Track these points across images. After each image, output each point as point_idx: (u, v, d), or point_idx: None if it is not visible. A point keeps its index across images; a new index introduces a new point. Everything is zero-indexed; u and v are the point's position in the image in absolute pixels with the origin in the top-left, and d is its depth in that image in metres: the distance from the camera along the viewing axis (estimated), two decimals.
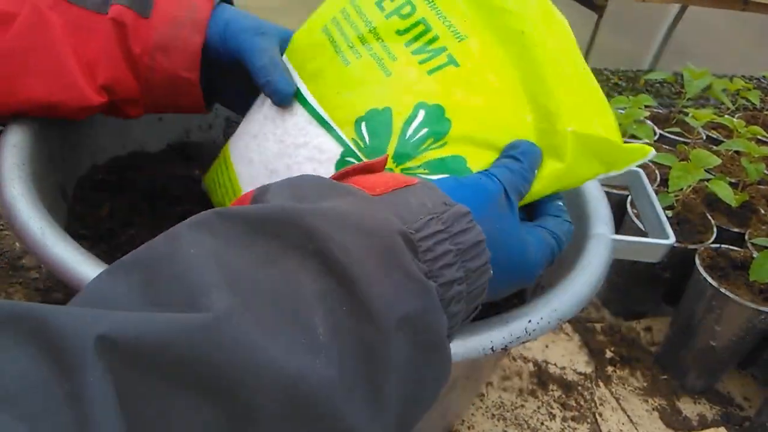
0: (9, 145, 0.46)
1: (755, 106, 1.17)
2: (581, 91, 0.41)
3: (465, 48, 0.42)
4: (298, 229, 0.24)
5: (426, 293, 0.25)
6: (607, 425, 0.66)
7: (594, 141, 0.40)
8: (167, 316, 0.19)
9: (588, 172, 0.41)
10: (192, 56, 0.46)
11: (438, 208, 0.29)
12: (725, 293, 0.65)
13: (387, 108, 0.43)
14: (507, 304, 0.60)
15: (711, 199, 0.83)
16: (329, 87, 0.45)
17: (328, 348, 0.22)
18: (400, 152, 0.41)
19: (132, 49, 0.45)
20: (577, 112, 0.40)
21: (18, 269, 0.70)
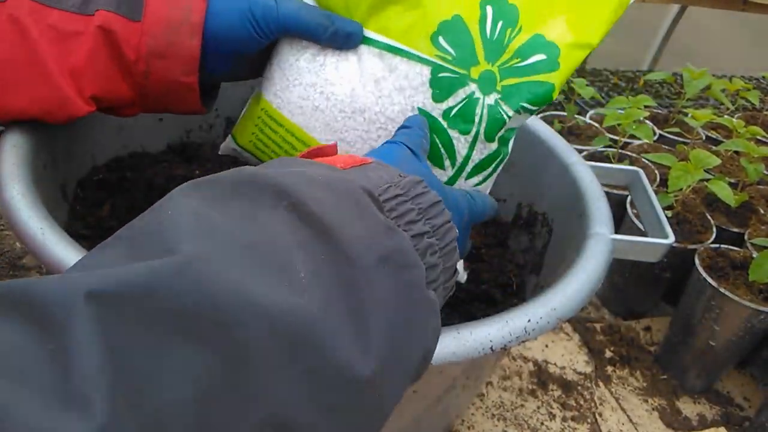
0: (9, 145, 0.46)
1: (755, 107, 1.17)
2: None
3: None
4: (271, 189, 0.25)
5: (398, 235, 0.27)
6: (607, 425, 0.66)
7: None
8: (145, 263, 0.19)
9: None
10: (191, 60, 0.44)
11: (394, 178, 0.31)
12: (725, 293, 0.65)
13: (456, 15, 0.44)
14: (507, 304, 0.60)
15: (710, 199, 0.83)
16: (389, 16, 0.45)
17: (311, 288, 0.22)
18: (490, 53, 0.44)
19: (125, 56, 0.43)
20: None
21: (18, 269, 0.70)
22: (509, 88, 0.44)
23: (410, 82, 0.44)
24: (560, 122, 0.98)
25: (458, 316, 0.58)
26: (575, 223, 0.55)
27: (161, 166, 0.67)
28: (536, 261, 0.63)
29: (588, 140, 0.94)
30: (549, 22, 0.44)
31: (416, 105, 0.45)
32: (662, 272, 0.77)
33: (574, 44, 0.44)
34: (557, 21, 0.44)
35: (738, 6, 1.60)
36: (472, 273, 0.63)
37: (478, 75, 0.44)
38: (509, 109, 0.44)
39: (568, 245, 0.55)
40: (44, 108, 0.43)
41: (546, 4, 0.44)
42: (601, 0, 0.44)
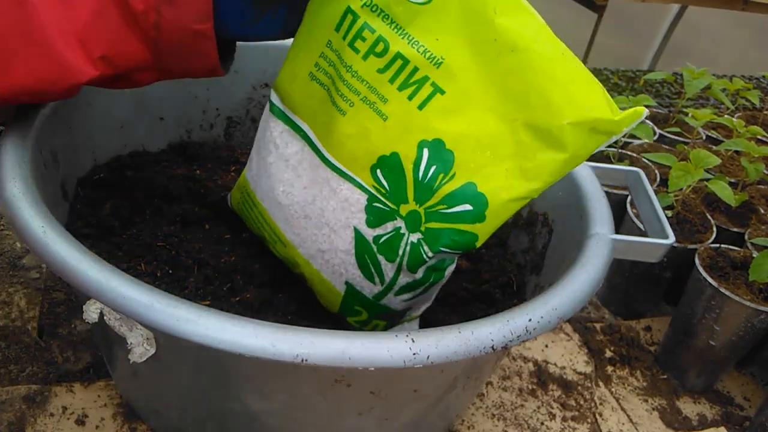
0: (10, 144, 0.46)
1: (755, 106, 1.17)
2: (567, 78, 0.41)
3: (445, 71, 0.43)
4: None
5: None
6: (607, 425, 0.66)
7: (590, 123, 0.40)
8: None
9: (591, 148, 0.42)
10: (203, 4, 0.40)
11: None
12: (725, 293, 0.65)
13: (394, 153, 0.44)
14: (507, 304, 0.60)
15: (711, 198, 0.83)
16: (336, 138, 0.47)
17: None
18: (419, 195, 0.44)
19: (132, 6, 0.40)
20: (568, 102, 0.40)
21: (18, 269, 0.70)
22: (432, 231, 0.44)
23: (350, 204, 0.47)
24: None
25: (458, 316, 0.58)
26: (575, 223, 0.55)
27: (162, 165, 0.67)
28: (536, 261, 0.63)
29: None
30: (485, 172, 0.43)
31: (353, 225, 0.47)
32: (662, 272, 0.77)
33: (507, 198, 0.43)
34: (495, 171, 0.42)
35: (738, 6, 1.60)
36: (472, 273, 0.63)
37: (405, 213, 0.45)
38: (429, 250, 0.45)
39: (568, 245, 0.55)
40: (45, 78, 0.40)
41: (485, 152, 0.42)
42: (545, 152, 0.41)
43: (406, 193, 0.44)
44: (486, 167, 0.42)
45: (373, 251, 0.47)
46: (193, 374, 0.45)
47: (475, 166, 0.43)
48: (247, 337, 0.35)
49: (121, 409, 0.57)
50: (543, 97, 0.40)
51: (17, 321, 0.64)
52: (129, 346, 0.40)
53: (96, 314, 0.40)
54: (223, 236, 0.59)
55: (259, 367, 0.40)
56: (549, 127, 0.41)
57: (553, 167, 0.41)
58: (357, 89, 0.45)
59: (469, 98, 0.42)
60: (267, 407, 0.45)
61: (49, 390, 0.57)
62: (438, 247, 0.44)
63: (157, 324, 0.35)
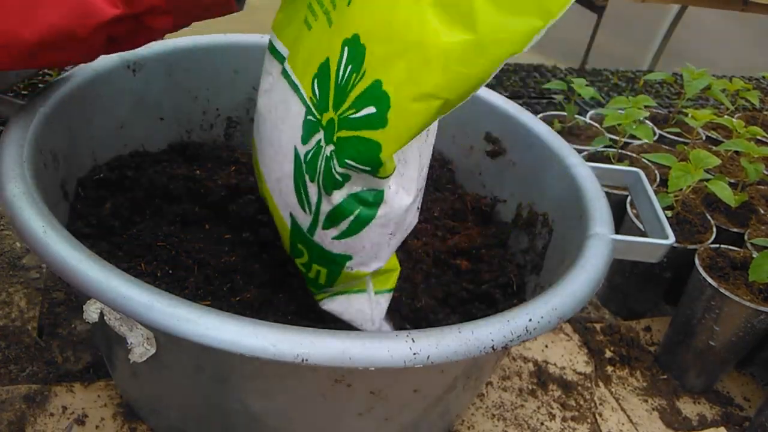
0: (10, 144, 0.46)
1: (754, 107, 1.17)
2: None
3: None
4: None
5: None
6: (607, 425, 0.66)
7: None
8: None
9: (512, 31, 0.34)
10: None
11: None
12: (725, 293, 0.65)
13: (327, 58, 0.41)
14: (507, 304, 0.60)
15: (710, 199, 0.83)
16: (300, 54, 0.45)
17: None
18: (336, 100, 0.40)
19: None
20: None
21: (18, 269, 0.70)
22: (341, 141, 0.40)
23: (295, 121, 0.44)
24: (560, 122, 0.98)
25: (458, 316, 0.58)
26: (575, 223, 0.55)
27: (162, 165, 0.67)
28: (536, 261, 0.63)
29: (588, 140, 0.94)
30: (391, 66, 0.36)
31: (294, 144, 0.45)
32: (662, 272, 0.77)
33: (410, 95, 0.36)
34: (399, 64, 0.36)
35: (738, 6, 1.60)
36: (472, 273, 0.63)
37: (326, 122, 0.41)
38: (337, 163, 0.40)
39: (568, 245, 0.55)
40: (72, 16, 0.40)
41: (393, 43, 0.36)
42: (451, 33, 0.35)
43: (329, 99, 0.40)
44: (392, 60, 0.36)
45: (303, 171, 0.44)
46: (193, 374, 0.45)
47: (383, 60, 0.37)
48: (247, 337, 0.35)
49: (121, 409, 0.57)
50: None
51: (17, 321, 0.64)
52: (129, 346, 0.40)
53: (96, 314, 0.40)
54: (223, 236, 0.59)
55: (260, 367, 0.40)
56: (456, 1, 0.34)
57: (461, 53, 0.34)
58: (322, 1, 0.43)
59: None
60: (267, 407, 0.45)
61: (49, 390, 0.57)
62: (344, 159, 0.40)
63: (157, 324, 0.35)
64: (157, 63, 0.66)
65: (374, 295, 0.50)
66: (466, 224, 0.69)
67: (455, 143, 0.73)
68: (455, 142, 0.73)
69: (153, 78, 0.66)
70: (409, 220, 0.46)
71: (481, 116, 0.70)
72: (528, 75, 1.45)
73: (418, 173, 0.45)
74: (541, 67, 1.52)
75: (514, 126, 0.68)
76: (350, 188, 0.42)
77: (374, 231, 0.44)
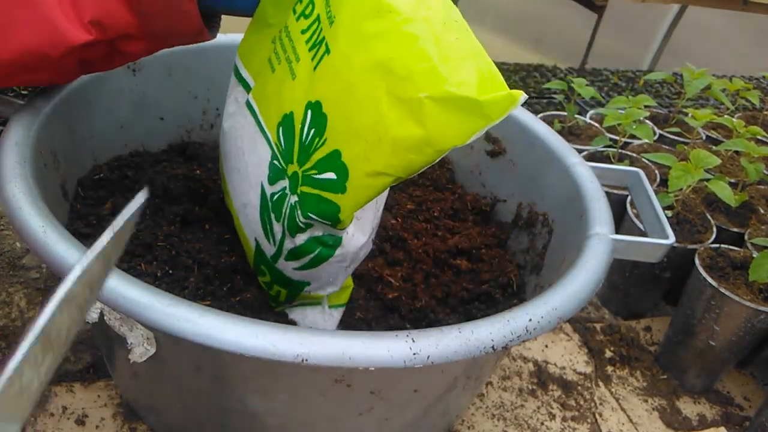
0: (10, 143, 0.46)
1: (755, 107, 1.17)
2: (437, 48, 0.37)
3: (334, 30, 0.41)
4: None
5: None
6: (607, 425, 0.66)
7: (450, 100, 0.36)
8: None
9: (456, 130, 0.37)
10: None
11: None
12: (725, 293, 0.65)
13: (291, 112, 0.44)
14: (507, 304, 0.60)
15: (710, 199, 0.83)
16: (264, 94, 0.48)
17: None
18: (300, 156, 0.43)
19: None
20: (431, 74, 0.36)
21: (18, 269, 0.70)
22: (304, 195, 0.44)
23: (262, 160, 0.48)
24: (560, 122, 0.98)
25: (458, 316, 0.58)
26: (575, 223, 0.55)
27: (162, 165, 0.67)
28: (537, 261, 0.63)
29: (588, 140, 0.94)
30: (350, 141, 0.40)
31: (261, 180, 0.48)
32: (662, 272, 0.77)
33: (365, 171, 0.39)
34: (357, 141, 0.39)
35: (738, 6, 1.60)
36: (472, 273, 0.63)
37: (290, 173, 0.45)
38: (301, 214, 0.44)
39: (568, 245, 0.55)
40: (44, 41, 0.42)
41: (351, 121, 0.39)
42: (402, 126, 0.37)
43: (293, 153, 0.44)
44: (350, 136, 0.40)
45: (269, 209, 0.48)
46: (193, 374, 0.45)
47: (343, 133, 0.40)
48: (247, 337, 0.35)
49: (121, 409, 0.57)
50: (405, 65, 0.37)
51: (17, 321, 0.64)
52: (129, 346, 0.40)
53: (96, 314, 0.40)
54: (223, 236, 0.59)
55: (260, 367, 0.40)
56: (408, 98, 0.37)
57: (411, 143, 0.37)
58: (285, 47, 0.45)
59: (346, 60, 0.39)
60: (267, 407, 0.45)
61: (49, 390, 0.57)
62: (306, 211, 0.43)
63: (157, 324, 0.35)
64: (157, 63, 0.66)
65: (328, 309, 0.53)
66: (466, 224, 0.69)
67: None
68: None
69: (153, 78, 0.66)
70: (363, 252, 0.50)
71: None
72: (528, 75, 1.45)
73: (373, 215, 0.48)
74: (541, 67, 1.52)
75: (514, 126, 0.68)
76: (312, 233, 0.46)
77: (332, 265, 0.48)
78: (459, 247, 0.64)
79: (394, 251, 0.62)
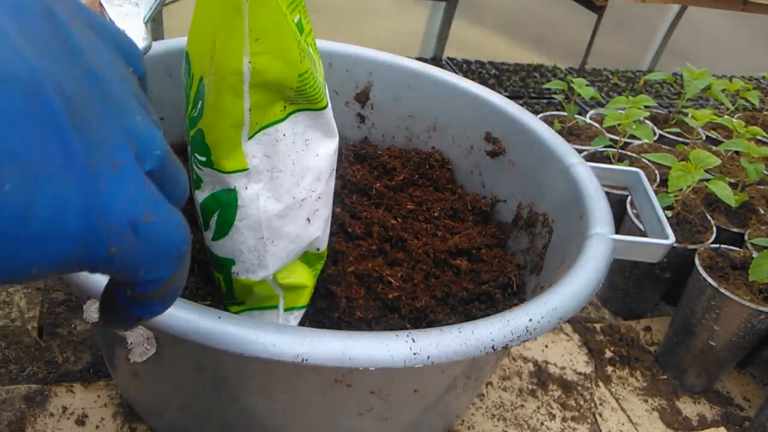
0: None
1: (755, 107, 1.17)
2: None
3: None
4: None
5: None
6: (606, 425, 0.66)
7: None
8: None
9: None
10: None
11: None
12: (725, 293, 0.65)
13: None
14: (507, 304, 0.60)
15: (710, 199, 0.83)
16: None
17: None
18: (186, 104, 0.47)
19: None
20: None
21: None
22: (191, 139, 0.45)
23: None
24: (560, 122, 0.98)
25: (458, 316, 0.58)
26: (575, 223, 0.55)
27: None
28: (536, 261, 0.63)
29: (588, 140, 0.94)
30: (202, 56, 0.43)
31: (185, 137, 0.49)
32: (662, 272, 0.77)
33: (214, 82, 0.42)
34: (206, 54, 0.42)
35: (738, 6, 1.61)
36: (472, 273, 0.63)
37: (189, 118, 0.46)
38: (194, 162, 0.45)
39: (568, 245, 0.55)
40: None
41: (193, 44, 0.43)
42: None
43: (190, 98, 0.46)
44: (201, 53, 0.43)
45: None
46: (193, 374, 0.45)
47: (197, 54, 0.44)
48: (247, 336, 0.35)
49: (121, 409, 0.57)
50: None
51: (17, 321, 0.64)
52: (129, 346, 0.40)
53: (96, 314, 0.40)
54: None
55: (260, 367, 0.40)
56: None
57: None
58: None
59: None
60: (267, 407, 0.45)
61: (49, 390, 0.57)
62: (193, 152, 0.46)
63: (156, 324, 0.35)
64: (157, 63, 0.66)
65: (284, 312, 0.51)
66: (466, 224, 0.69)
67: (455, 143, 0.73)
68: (455, 142, 0.73)
69: (153, 78, 0.66)
70: (293, 230, 0.47)
71: (481, 116, 0.70)
72: (528, 75, 1.45)
73: (294, 182, 0.47)
74: (541, 67, 1.52)
75: (514, 126, 0.68)
76: (208, 188, 0.45)
77: (244, 234, 0.46)
78: (459, 247, 0.64)
79: (394, 251, 0.62)
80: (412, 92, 0.73)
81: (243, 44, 0.40)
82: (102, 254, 0.19)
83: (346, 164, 0.71)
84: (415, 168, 0.73)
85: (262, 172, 0.45)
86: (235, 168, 0.44)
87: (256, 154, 0.44)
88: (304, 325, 0.54)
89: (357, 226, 0.62)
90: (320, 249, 0.51)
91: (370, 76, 0.74)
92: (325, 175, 0.49)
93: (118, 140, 0.20)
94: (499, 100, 0.70)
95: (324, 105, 0.46)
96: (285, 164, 0.45)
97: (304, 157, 0.47)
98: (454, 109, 0.72)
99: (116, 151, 0.19)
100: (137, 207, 0.19)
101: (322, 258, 0.53)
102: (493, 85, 1.34)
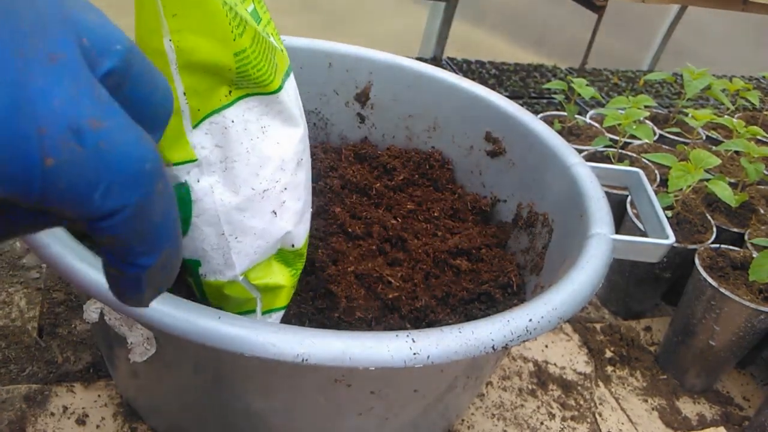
0: None
1: (755, 107, 1.17)
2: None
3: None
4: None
5: None
6: (606, 425, 0.66)
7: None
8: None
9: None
10: None
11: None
12: (725, 293, 0.65)
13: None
14: (507, 304, 0.60)
15: (711, 199, 0.83)
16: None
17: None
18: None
19: None
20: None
21: (18, 269, 0.70)
22: None
23: None
24: (560, 122, 0.98)
25: (458, 316, 0.58)
26: (575, 223, 0.55)
27: None
28: (536, 261, 0.63)
29: (588, 140, 0.94)
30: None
31: None
32: (662, 272, 0.77)
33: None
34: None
35: (738, 6, 1.61)
36: (472, 273, 0.63)
37: None
38: None
39: (568, 245, 0.55)
40: None
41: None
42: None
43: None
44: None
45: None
46: (193, 374, 0.45)
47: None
48: (247, 336, 0.35)
49: (121, 409, 0.57)
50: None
51: (17, 321, 0.64)
52: (129, 345, 0.40)
53: (96, 314, 0.40)
54: None
55: (260, 366, 0.40)
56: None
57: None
58: None
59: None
60: (267, 407, 0.45)
61: (50, 390, 0.57)
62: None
63: (156, 324, 0.35)
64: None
65: (261, 315, 0.49)
66: (466, 224, 0.69)
67: (455, 143, 0.73)
68: (455, 141, 0.73)
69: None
70: (257, 224, 0.45)
71: (481, 116, 0.70)
72: (528, 75, 1.45)
73: (252, 172, 0.43)
74: (541, 67, 1.52)
75: (514, 126, 0.68)
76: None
77: (204, 231, 0.43)
78: (459, 247, 0.64)
79: (394, 251, 0.62)
80: (412, 92, 0.73)
81: (160, 22, 0.37)
82: (35, 165, 0.16)
83: (346, 164, 0.71)
84: (415, 168, 0.73)
85: (214, 163, 0.42)
86: (181, 159, 0.41)
87: (205, 145, 0.41)
88: (303, 325, 0.54)
89: (357, 226, 0.62)
90: (296, 246, 0.48)
91: (370, 76, 0.74)
92: (291, 165, 0.46)
93: (60, 32, 0.17)
94: (499, 100, 0.70)
95: (274, 89, 0.43)
96: (238, 153, 0.42)
97: (261, 145, 0.44)
98: (454, 108, 0.72)
99: (56, 43, 0.17)
100: (80, 108, 0.16)
101: (301, 256, 0.50)
102: (493, 85, 1.34)
